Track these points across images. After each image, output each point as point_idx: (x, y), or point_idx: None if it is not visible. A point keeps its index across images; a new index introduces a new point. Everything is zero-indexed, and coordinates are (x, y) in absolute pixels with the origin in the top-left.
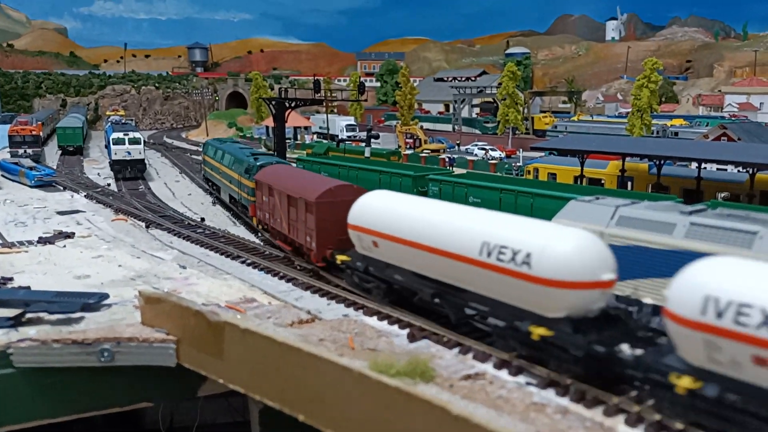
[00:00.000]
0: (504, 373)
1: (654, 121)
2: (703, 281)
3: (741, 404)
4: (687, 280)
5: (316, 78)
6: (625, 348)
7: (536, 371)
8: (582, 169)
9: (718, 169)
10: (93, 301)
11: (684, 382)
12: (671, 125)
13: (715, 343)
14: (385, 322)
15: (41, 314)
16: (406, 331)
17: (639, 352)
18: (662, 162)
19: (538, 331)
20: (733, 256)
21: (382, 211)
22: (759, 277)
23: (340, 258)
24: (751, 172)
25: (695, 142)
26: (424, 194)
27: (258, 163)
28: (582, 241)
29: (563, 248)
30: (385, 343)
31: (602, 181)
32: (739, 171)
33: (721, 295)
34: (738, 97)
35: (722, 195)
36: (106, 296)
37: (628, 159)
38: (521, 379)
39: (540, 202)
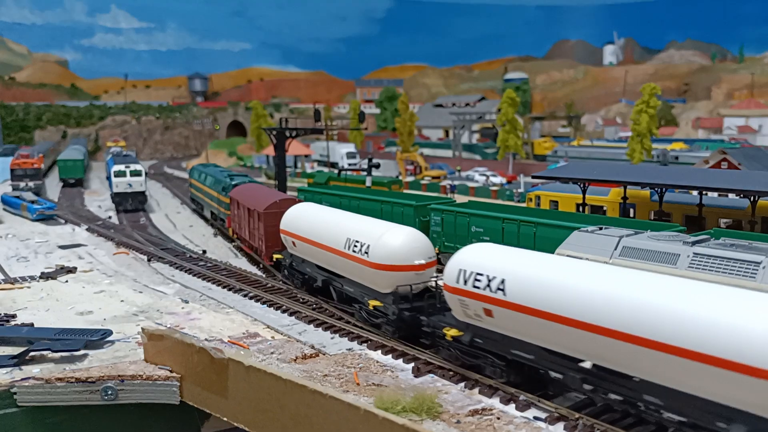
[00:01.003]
0: (511, 408)
1: (654, 146)
2: (460, 259)
3: (483, 345)
4: (452, 259)
5: (316, 108)
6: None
7: (544, 405)
8: (584, 197)
9: (719, 195)
10: (96, 338)
11: (451, 332)
12: (671, 149)
13: (465, 302)
14: (389, 356)
15: (45, 352)
16: (411, 365)
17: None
18: (664, 189)
19: (373, 303)
20: (488, 244)
21: (299, 219)
22: (491, 256)
23: (276, 256)
24: (752, 199)
25: (696, 170)
26: (427, 224)
27: (233, 183)
28: (406, 235)
29: (389, 241)
30: (390, 377)
31: (604, 208)
32: (740, 197)
33: (467, 267)
34: (737, 120)
35: (725, 221)
36: (109, 333)
37: (629, 186)
38: (529, 413)
39: (543, 231)
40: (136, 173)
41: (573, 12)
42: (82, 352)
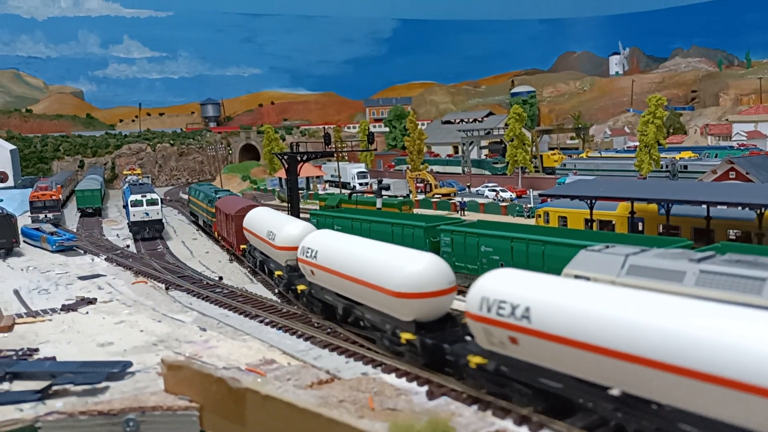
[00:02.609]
0: (524, 430)
1: (662, 155)
2: (305, 240)
3: (314, 294)
4: (301, 242)
5: (326, 132)
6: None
7: (557, 427)
8: (591, 213)
9: (727, 206)
10: (117, 370)
11: (300, 287)
12: (680, 158)
13: (305, 267)
14: (403, 380)
15: (67, 386)
16: (424, 389)
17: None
18: (670, 204)
19: (278, 273)
20: (322, 232)
21: (251, 219)
22: (318, 237)
23: (242, 247)
24: (758, 212)
25: (702, 184)
26: (437, 244)
27: (217, 196)
28: (299, 227)
29: (287, 231)
30: (404, 401)
31: (613, 223)
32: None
33: (306, 245)
34: (746, 126)
35: (734, 232)
36: (129, 364)
37: (636, 201)
38: None
39: (551, 249)
40: (152, 202)
41: (577, 24)
42: (103, 384)
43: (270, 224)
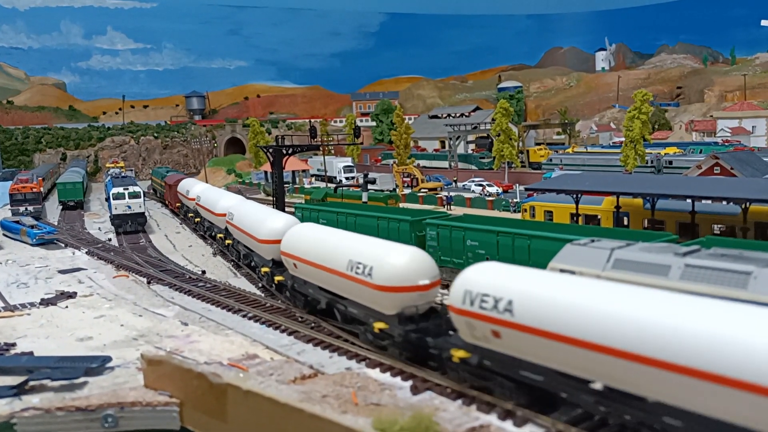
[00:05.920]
0: (509, 424)
1: (648, 150)
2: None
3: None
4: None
5: (312, 125)
6: None
7: (541, 421)
8: (577, 208)
9: (712, 201)
10: (96, 365)
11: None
12: (665, 153)
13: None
14: (387, 374)
15: (44, 381)
16: (409, 383)
17: None
18: (655, 198)
19: (191, 215)
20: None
21: (182, 185)
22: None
23: (177, 204)
24: (743, 206)
25: (687, 179)
26: (422, 239)
27: (167, 173)
28: (201, 187)
29: (194, 191)
30: (388, 396)
31: (598, 217)
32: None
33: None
34: (730, 122)
35: (718, 227)
36: (108, 359)
37: (621, 195)
38: (527, 429)
39: (537, 243)
40: (134, 195)
41: (564, 20)
42: (82, 379)
43: (189, 187)
